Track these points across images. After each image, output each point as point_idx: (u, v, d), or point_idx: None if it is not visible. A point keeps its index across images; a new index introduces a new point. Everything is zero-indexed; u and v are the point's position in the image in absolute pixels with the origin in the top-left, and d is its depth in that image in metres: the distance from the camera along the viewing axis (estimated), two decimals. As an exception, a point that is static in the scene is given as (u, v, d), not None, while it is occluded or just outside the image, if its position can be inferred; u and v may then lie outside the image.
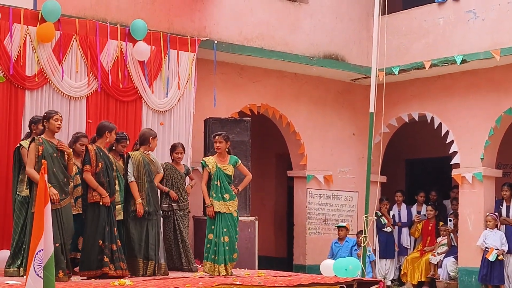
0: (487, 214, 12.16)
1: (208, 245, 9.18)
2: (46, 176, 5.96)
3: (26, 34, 9.73)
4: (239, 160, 9.49)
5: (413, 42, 13.08)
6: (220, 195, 9.19)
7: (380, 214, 13.66)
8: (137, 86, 10.73)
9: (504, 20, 11.82)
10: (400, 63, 12.89)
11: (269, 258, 14.40)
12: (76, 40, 10.18)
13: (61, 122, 8.25)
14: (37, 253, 5.74)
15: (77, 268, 8.66)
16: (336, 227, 12.78)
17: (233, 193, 9.28)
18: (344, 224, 12.67)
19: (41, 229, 5.77)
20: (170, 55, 11.07)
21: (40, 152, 8.00)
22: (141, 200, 8.94)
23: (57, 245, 7.85)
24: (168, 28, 11.28)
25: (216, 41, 11.64)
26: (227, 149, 9.34)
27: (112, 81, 10.47)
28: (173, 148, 10.21)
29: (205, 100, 11.68)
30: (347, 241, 12.36)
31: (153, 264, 8.98)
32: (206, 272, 9.14)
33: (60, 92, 10.02)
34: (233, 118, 11.80)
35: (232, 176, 9.38)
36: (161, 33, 11.01)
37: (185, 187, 10.12)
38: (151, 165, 9.20)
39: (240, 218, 9.82)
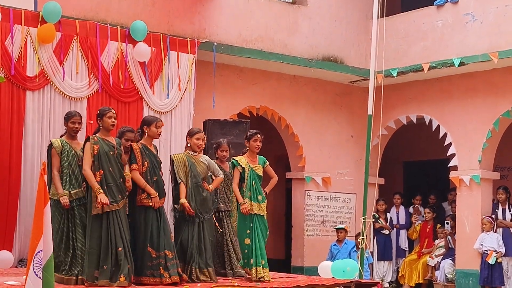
0: (483, 217, 12.19)
1: (246, 251, 8.80)
2: (46, 177, 5.97)
3: (27, 35, 9.75)
4: (267, 161, 9.17)
5: (412, 45, 13.12)
6: (255, 196, 8.83)
7: (378, 216, 13.69)
8: (138, 87, 10.75)
9: (502, 23, 11.86)
10: (399, 66, 12.92)
11: (267, 259, 14.37)
12: (77, 41, 10.21)
13: (115, 119, 7.95)
14: (36, 254, 5.74)
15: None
16: (335, 229, 12.79)
17: (264, 195, 8.99)
18: (343, 226, 12.67)
19: (40, 230, 5.77)
20: (170, 57, 11.09)
21: (96, 151, 7.67)
22: (184, 200, 8.34)
23: (119, 249, 7.54)
24: (168, 29, 11.32)
25: (215, 43, 11.67)
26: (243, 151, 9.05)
27: (113, 82, 10.49)
28: (218, 146, 9.68)
29: (205, 102, 11.70)
30: (346, 243, 12.36)
31: (194, 270, 8.35)
32: (257, 280, 8.62)
33: (61, 92, 10.04)
34: (232, 119, 11.82)
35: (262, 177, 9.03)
36: (161, 34, 11.04)
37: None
38: (198, 166, 8.58)
39: (238, 220, 9.75)
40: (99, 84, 10.35)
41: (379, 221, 13.67)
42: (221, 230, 9.25)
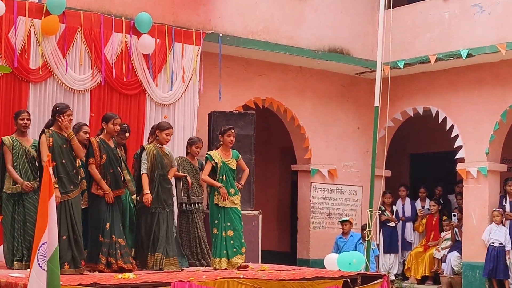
0: (494, 209, 12.12)
1: (214, 239, 9.21)
2: (50, 168, 5.94)
3: (30, 27, 9.71)
4: (240, 155, 9.53)
5: (418, 36, 13.04)
6: (227, 189, 9.17)
7: (384, 208, 13.63)
8: (141, 80, 10.70)
9: (510, 14, 11.77)
10: (405, 57, 12.85)
11: (273, 252, 14.39)
12: (81, 33, 10.16)
13: (71, 118, 8.37)
14: (41, 246, 5.72)
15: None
16: (339, 222, 12.74)
17: (236, 189, 9.31)
18: (347, 218, 12.64)
19: (45, 222, 5.75)
20: (174, 48, 11.04)
21: (51, 144, 8.07)
22: (148, 191, 8.82)
23: (64, 237, 7.91)
24: (173, 21, 11.26)
25: (221, 34, 11.61)
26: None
27: (116, 75, 10.44)
28: (192, 142, 10.26)
29: (210, 94, 11.65)
30: (352, 235, 12.32)
31: (160, 257, 8.83)
32: (215, 268, 9.10)
33: (63, 85, 10.00)
34: (237, 111, 11.77)
35: (236, 170, 9.41)
36: (166, 26, 10.99)
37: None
38: (164, 158, 9.09)
39: (243, 212, 9.85)
40: (102, 76, 10.31)
41: (385, 214, 13.62)
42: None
